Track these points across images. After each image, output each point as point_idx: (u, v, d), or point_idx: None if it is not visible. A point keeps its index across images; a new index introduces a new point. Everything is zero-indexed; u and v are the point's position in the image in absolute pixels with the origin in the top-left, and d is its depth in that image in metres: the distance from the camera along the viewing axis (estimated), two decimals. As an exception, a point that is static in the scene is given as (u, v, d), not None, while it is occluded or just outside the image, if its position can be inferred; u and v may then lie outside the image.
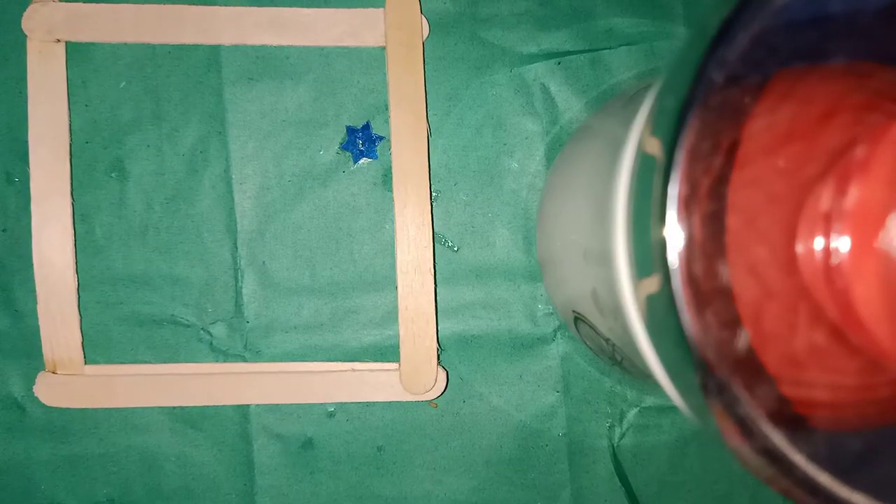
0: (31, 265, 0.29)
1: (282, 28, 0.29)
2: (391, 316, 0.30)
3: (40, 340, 0.29)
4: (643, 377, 0.21)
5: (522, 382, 0.30)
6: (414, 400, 0.30)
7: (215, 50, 0.29)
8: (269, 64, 0.30)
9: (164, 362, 0.30)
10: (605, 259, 0.19)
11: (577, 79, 0.30)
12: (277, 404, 0.30)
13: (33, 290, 0.29)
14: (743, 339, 0.16)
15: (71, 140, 0.29)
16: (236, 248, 0.30)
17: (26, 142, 0.29)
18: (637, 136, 0.18)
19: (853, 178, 0.16)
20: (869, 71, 0.17)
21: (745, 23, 0.16)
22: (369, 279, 0.30)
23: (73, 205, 0.29)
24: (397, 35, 0.29)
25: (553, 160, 0.30)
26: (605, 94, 0.31)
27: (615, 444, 0.30)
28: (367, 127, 0.30)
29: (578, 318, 0.26)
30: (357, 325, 0.30)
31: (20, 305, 0.29)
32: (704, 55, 0.15)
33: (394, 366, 0.30)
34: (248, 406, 0.30)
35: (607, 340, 0.23)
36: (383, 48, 0.30)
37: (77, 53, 0.29)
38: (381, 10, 0.29)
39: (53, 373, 0.29)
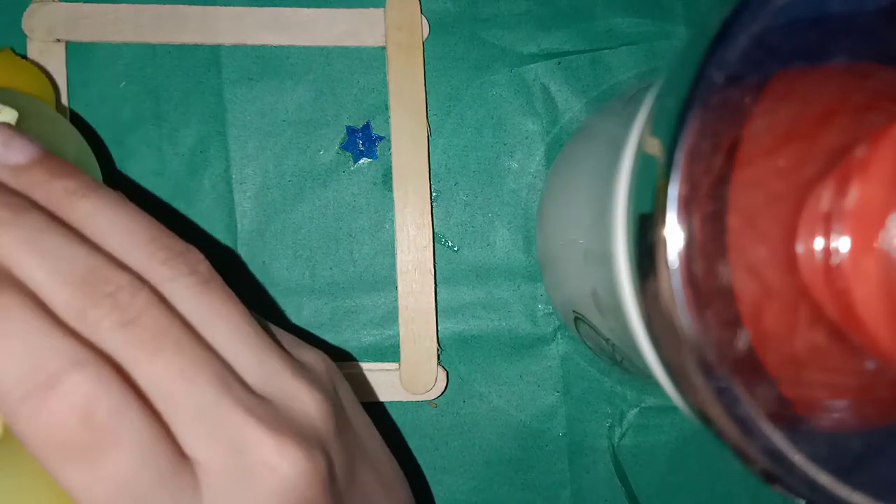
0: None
1: (282, 28, 0.29)
2: (391, 316, 0.30)
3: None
4: (643, 377, 0.21)
5: (522, 382, 0.30)
6: (414, 400, 0.30)
7: (215, 50, 0.29)
8: (269, 64, 0.30)
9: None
10: (605, 259, 0.19)
11: (577, 79, 0.30)
12: (277, 404, 0.30)
13: (33, 290, 0.29)
14: (743, 339, 0.16)
15: (71, 140, 0.29)
16: (236, 248, 0.30)
17: (26, 142, 0.29)
18: (637, 136, 0.18)
19: (853, 178, 0.16)
20: (869, 71, 0.17)
21: (745, 23, 0.16)
22: (369, 279, 0.30)
23: (73, 205, 0.29)
24: (397, 35, 0.29)
25: (553, 160, 0.30)
26: (605, 94, 0.31)
27: (615, 444, 0.30)
28: (367, 127, 0.30)
29: (578, 318, 0.26)
30: (357, 325, 0.30)
31: (20, 305, 0.29)
32: (704, 55, 0.15)
33: (394, 366, 0.30)
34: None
35: (607, 340, 0.23)
36: (383, 48, 0.30)
37: (77, 53, 0.29)
38: (381, 10, 0.29)
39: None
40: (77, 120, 0.29)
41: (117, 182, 0.29)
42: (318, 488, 0.19)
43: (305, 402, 0.20)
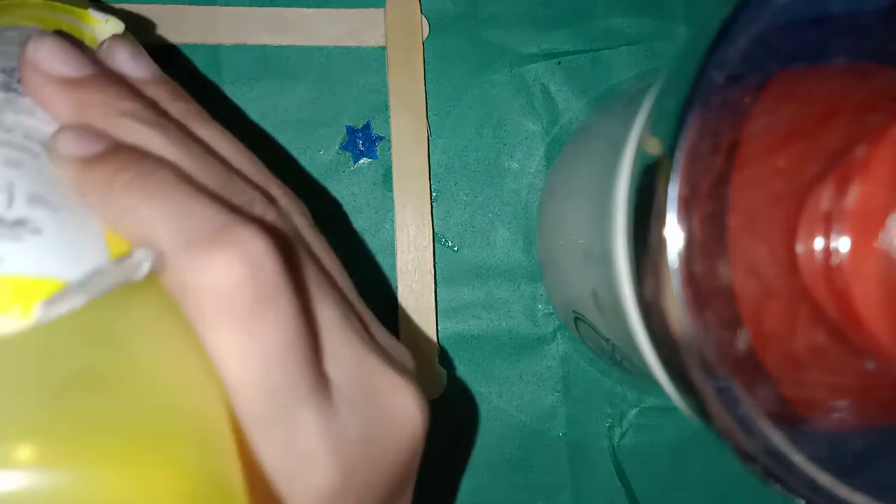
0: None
1: (282, 28, 0.29)
2: (391, 316, 0.30)
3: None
4: (643, 377, 0.21)
5: (522, 382, 0.30)
6: (414, 400, 0.30)
7: (215, 50, 0.29)
8: (269, 64, 0.30)
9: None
10: (605, 259, 0.19)
11: (577, 79, 0.30)
12: (277, 404, 0.30)
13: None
14: (743, 339, 0.16)
15: (71, 140, 0.29)
16: (236, 248, 0.30)
17: (26, 142, 0.29)
18: (637, 137, 0.18)
19: (853, 178, 0.16)
20: (869, 71, 0.17)
21: (745, 23, 0.16)
22: (369, 279, 0.30)
23: (73, 205, 0.29)
24: (397, 35, 0.29)
25: (553, 160, 0.30)
26: (605, 94, 0.31)
27: (615, 444, 0.30)
28: (367, 127, 0.30)
29: (578, 318, 0.26)
30: (357, 325, 0.30)
31: (20, 305, 0.29)
32: (704, 55, 0.15)
33: (394, 366, 0.30)
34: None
35: (607, 340, 0.23)
36: (383, 48, 0.30)
37: (77, 53, 0.29)
38: (381, 10, 0.29)
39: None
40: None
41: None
42: (424, 439, 0.19)
43: (405, 358, 0.20)
